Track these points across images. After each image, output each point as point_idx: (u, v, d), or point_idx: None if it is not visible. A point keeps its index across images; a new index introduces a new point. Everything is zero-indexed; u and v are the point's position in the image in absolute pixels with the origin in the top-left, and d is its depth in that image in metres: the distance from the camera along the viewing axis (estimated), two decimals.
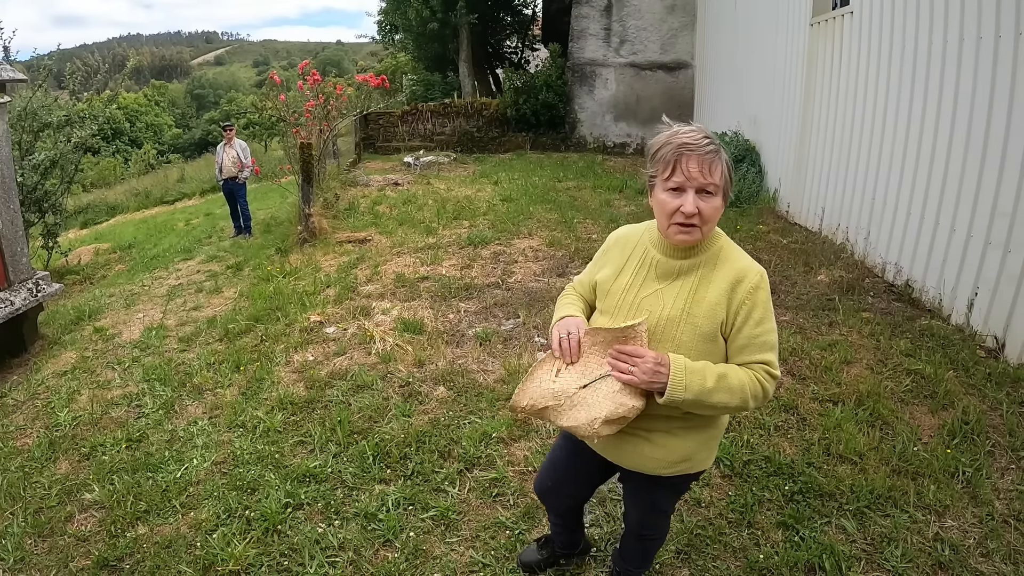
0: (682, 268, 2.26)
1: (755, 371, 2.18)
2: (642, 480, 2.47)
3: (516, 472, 4.03)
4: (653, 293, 2.28)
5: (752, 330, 2.17)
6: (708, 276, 2.22)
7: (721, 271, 2.21)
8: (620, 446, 2.38)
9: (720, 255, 2.24)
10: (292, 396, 5.11)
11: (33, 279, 6.81)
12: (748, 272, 2.20)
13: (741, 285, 2.17)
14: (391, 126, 21.35)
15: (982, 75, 5.48)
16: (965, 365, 4.98)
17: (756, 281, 2.18)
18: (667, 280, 2.27)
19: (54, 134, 12.20)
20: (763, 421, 4.39)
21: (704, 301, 2.19)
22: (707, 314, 2.18)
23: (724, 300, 2.18)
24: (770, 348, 2.20)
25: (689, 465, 2.39)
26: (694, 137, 2.12)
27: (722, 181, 2.13)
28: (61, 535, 3.78)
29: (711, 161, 2.10)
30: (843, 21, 8.21)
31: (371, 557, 3.42)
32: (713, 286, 2.20)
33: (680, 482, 2.48)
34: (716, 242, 2.26)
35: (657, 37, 18.67)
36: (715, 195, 2.13)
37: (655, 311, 2.24)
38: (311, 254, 9.29)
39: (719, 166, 2.11)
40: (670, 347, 2.19)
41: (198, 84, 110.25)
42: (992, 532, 3.37)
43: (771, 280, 2.30)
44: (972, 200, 5.58)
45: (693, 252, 2.25)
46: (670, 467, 2.36)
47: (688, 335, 2.19)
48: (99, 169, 36.23)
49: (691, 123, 2.19)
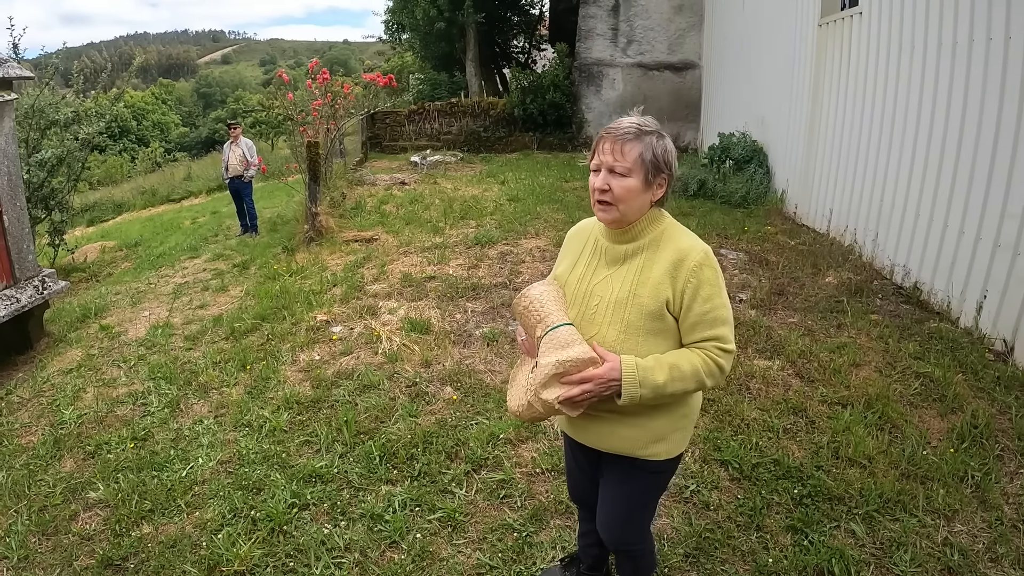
0: (627, 252, 2.34)
1: (707, 350, 2.23)
2: (619, 468, 2.48)
3: (523, 474, 4.01)
4: (603, 279, 2.36)
5: (701, 307, 2.22)
6: (652, 257, 2.29)
7: (664, 252, 2.27)
8: (595, 428, 2.41)
9: (663, 236, 2.31)
10: (298, 395, 5.11)
11: (39, 276, 6.82)
12: (690, 252, 2.24)
13: (684, 264, 2.22)
14: (398, 125, 21.35)
15: (992, 76, 5.45)
16: (974, 368, 4.95)
17: (699, 259, 2.22)
18: (615, 265, 2.35)
19: (61, 132, 12.21)
20: (772, 424, 4.37)
21: (649, 281, 2.26)
22: (651, 293, 2.24)
23: (668, 279, 2.23)
24: (721, 323, 2.24)
25: (665, 448, 2.39)
26: (619, 123, 2.26)
27: (635, 163, 2.20)
28: (65, 533, 3.78)
29: (624, 142, 2.21)
30: (852, 22, 8.18)
31: (377, 558, 3.41)
32: (656, 266, 2.26)
33: (656, 470, 2.46)
34: (659, 225, 2.33)
35: (664, 37, 18.64)
36: (627, 176, 2.21)
37: (605, 295, 2.33)
38: (317, 253, 9.28)
39: (635, 147, 2.20)
40: (619, 327, 2.27)
41: (205, 83, 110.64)
42: (1001, 537, 3.35)
43: (779, 281, 2.31)
44: (981, 202, 5.55)
45: (635, 235, 2.32)
46: (645, 447, 2.37)
47: (635, 315, 2.25)
48: (106, 167, 36.34)
49: (633, 114, 2.31)
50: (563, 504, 3.71)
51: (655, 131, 2.25)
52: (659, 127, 2.28)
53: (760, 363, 5.20)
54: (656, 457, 2.39)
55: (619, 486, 2.55)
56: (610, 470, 2.54)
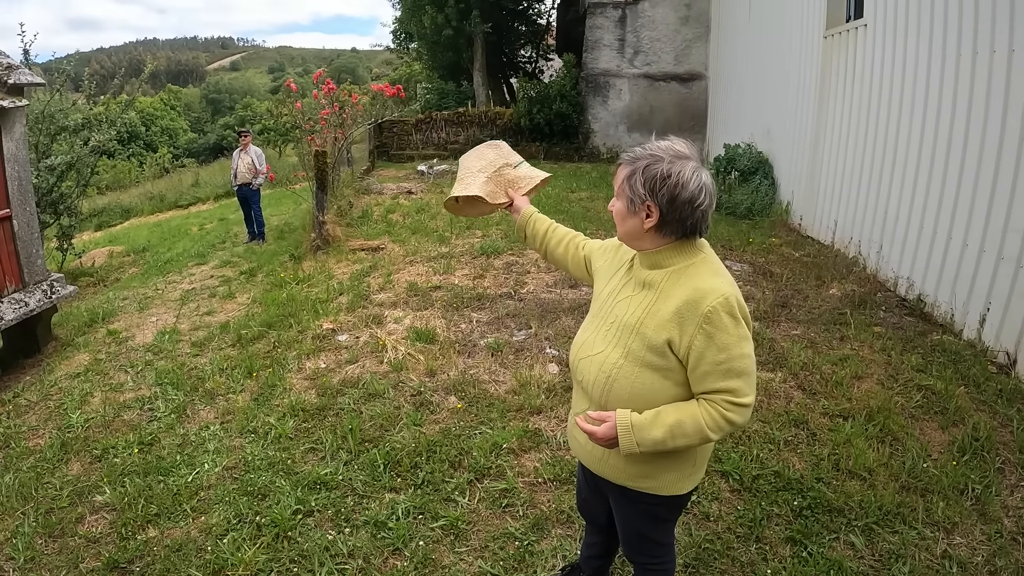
0: (649, 279, 2.26)
1: (716, 404, 2.12)
2: (617, 493, 2.48)
3: (526, 483, 4.04)
4: (625, 299, 2.32)
5: (715, 356, 2.09)
6: (668, 292, 2.19)
7: (680, 289, 2.17)
8: (593, 452, 2.41)
9: (687, 272, 2.20)
10: (304, 403, 5.14)
11: (48, 281, 6.88)
12: (708, 294, 2.10)
13: (697, 307, 2.10)
14: (405, 134, 21.43)
15: (995, 89, 5.48)
16: (976, 381, 4.96)
17: (716, 303, 2.08)
18: (638, 289, 2.30)
19: (70, 137, 12.28)
20: (773, 436, 4.38)
21: (657, 315, 2.18)
22: (656, 328, 2.16)
23: (675, 320, 2.13)
24: (736, 375, 2.11)
25: (654, 484, 2.35)
26: (631, 150, 2.25)
27: (620, 187, 2.22)
28: (72, 536, 3.82)
29: (620, 166, 2.25)
30: (857, 34, 8.22)
31: (380, 565, 3.44)
32: (668, 302, 2.17)
33: (651, 503, 2.43)
34: (687, 258, 2.22)
35: (671, 48, 18.69)
36: (617, 199, 2.26)
37: (620, 316, 2.30)
38: (324, 261, 9.33)
39: (622, 171, 2.23)
40: (622, 351, 2.24)
41: (213, 89, 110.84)
42: (1001, 550, 3.36)
43: (783, 293, 2.32)
44: (984, 215, 5.57)
45: (656, 263, 2.25)
46: (632, 480, 2.36)
47: (637, 345, 2.20)
48: (114, 172, 36.41)
49: (670, 139, 2.24)
50: (564, 513, 3.73)
51: (658, 156, 2.15)
52: (678, 152, 2.17)
53: (762, 375, 5.20)
54: (649, 491, 2.37)
55: (619, 510, 2.57)
56: (611, 495, 2.57)
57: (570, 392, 4.92)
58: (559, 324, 6.28)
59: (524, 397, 4.99)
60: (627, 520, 2.57)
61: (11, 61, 6.60)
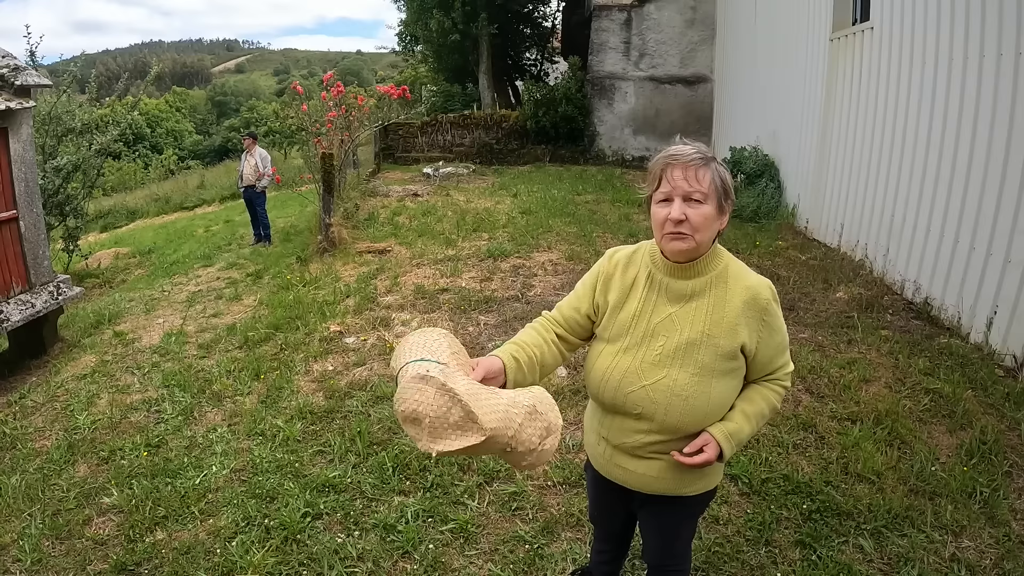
0: (693, 289, 2.21)
1: (777, 381, 2.33)
2: (657, 505, 2.45)
3: (535, 486, 4.04)
4: (666, 318, 2.23)
5: (774, 339, 2.24)
6: (723, 296, 2.19)
7: (735, 290, 2.19)
8: (638, 473, 2.34)
9: (728, 273, 2.22)
10: (311, 405, 5.15)
11: (54, 282, 6.90)
12: (759, 289, 2.20)
13: (756, 303, 2.19)
14: (411, 137, 21.43)
15: (1003, 92, 5.46)
16: (984, 384, 4.95)
17: (768, 295, 2.21)
18: (679, 303, 2.23)
19: (77, 139, 12.31)
20: (782, 439, 4.38)
21: (723, 322, 2.17)
22: (727, 334, 2.17)
23: (744, 321, 2.17)
24: (786, 348, 2.31)
25: (704, 483, 2.39)
26: (682, 150, 2.13)
27: (711, 189, 2.09)
28: (79, 538, 3.83)
29: (696, 168, 2.09)
30: (863, 36, 8.21)
31: (390, 568, 3.44)
32: (730, 306, 2.18)
33: (699, 502, 2.46)
34: (720, 260, 2.24)
35: (676, 51, 18.68)
36: (703, 203, 2.09)
37: (672, 336, 2.21)
38: (331, 263, 9.34)
39: (707, 174, 2.09)
40: (693, 369, 2.17)
41: (219, 91, 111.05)
42: (1009, 553, 3.36)
43: (790, 297, 2.34)
44: (992, 218, 5.56)
45: (700, 270, 2.21)
46: (687, 486, 2.35)
47: (710, 356, 2.17)
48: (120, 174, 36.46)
49: (687, 141, 2.19)
50: (575, 517, 3.73)
51: (715, 157, 2.16)
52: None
53: None
54: (695, 492, 2.39)
55: (658, 519, 2.53)
56: (647, 507, 2.51)
57: (578, 396, 4.95)
58: None
59: None
60: (666, 526, 2.54)
61: (18, 63, 6.61)
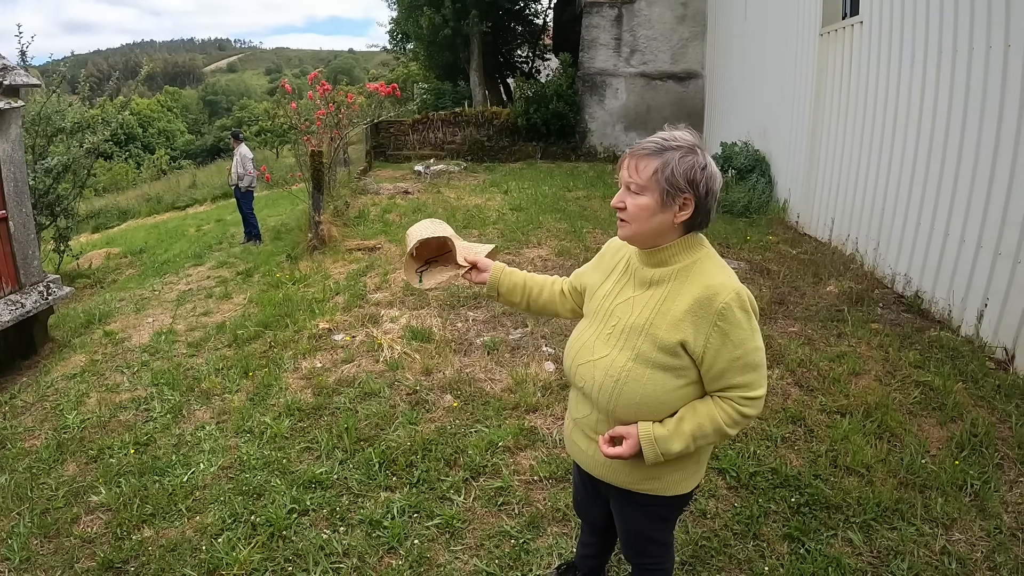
0: (655, 278, 2.20)
1: (731, 400, 2.14)
2: (619, 497, 2.44)
3: (521, 481, 4.02)
4: (626, 300, 2.25)
5: (731, 352, 2.08)
6: (678, 289, 2.15)
7: (691, 286, 2.13)
8: (595, 457, 2.35)
9: (694, 268, 2.16)
10: (300, 402, 5.12)
11: (44, 282, 6.86)
12: (720, 291, 2.08)
13: (711, 304, 2.08)
14: (402, 134, 21.42)
15: (992, 85, 5.47)
16: (974, 377, 4.95)
17: (728, 300, 2.07)
18: (641, 288, 2.23)
19: (67, 139, 12.27)
20: (770, 432, 4.37)
21: (668, 314, 2.13)
22: (668, 327, 2.11)
23: (689, 319, 2.10)
24: (751, 368, 2.12)
25: (658, 485, 2.31)
26: (645, 140, 2.13)
27: (650, 180, 2.07)
28: (67, 536, 3.80)
29: (640, 159, 2.09)
30: (852, 31, 8.21)
31: (375, 564, 3.42)
32: (680, 300, 2.12)
33: (663, 504, 2.40)
34: (693, 254, 2.18)
35: (667, 47, 18.71)
36: (639, 194, 2.10)
37: (623, 318, 2.22)
38: (321, 261, 9.31)
39: (650, 164, 2.07)
40: (630, 354, 2.16)
41: (211, 91, 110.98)
42: (1000, 545, 3.35)
43: (780, 290, 2.29)
44: (982, 210, 5.56)
45: (663, 260, 2.19)
46: (637, 483, 2.31)
47: (647, 346, 2.14)
48: (111, 174, 36.40)
49: (671, 128, 2.16)
50: (560, 512, 3.72)
51: (684, 146, 2.08)
52: (694, 142, 2.10)
53: None
54: (654, 492, 2.33)
55: (621, 512, 2.53)
56: (612, 497, 2.51)
57: (566, 390, 4.93)
58: (555, 322, 6.26)
59: (520, 395, 4.98)
60: (629, 522, 2.53)
61: (6, 62, 6.57)
